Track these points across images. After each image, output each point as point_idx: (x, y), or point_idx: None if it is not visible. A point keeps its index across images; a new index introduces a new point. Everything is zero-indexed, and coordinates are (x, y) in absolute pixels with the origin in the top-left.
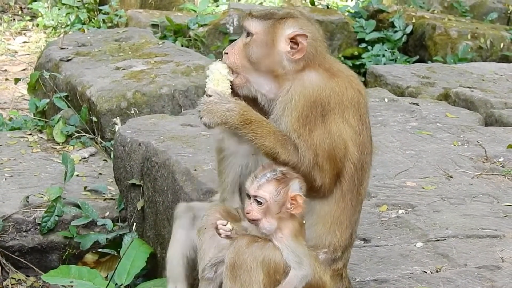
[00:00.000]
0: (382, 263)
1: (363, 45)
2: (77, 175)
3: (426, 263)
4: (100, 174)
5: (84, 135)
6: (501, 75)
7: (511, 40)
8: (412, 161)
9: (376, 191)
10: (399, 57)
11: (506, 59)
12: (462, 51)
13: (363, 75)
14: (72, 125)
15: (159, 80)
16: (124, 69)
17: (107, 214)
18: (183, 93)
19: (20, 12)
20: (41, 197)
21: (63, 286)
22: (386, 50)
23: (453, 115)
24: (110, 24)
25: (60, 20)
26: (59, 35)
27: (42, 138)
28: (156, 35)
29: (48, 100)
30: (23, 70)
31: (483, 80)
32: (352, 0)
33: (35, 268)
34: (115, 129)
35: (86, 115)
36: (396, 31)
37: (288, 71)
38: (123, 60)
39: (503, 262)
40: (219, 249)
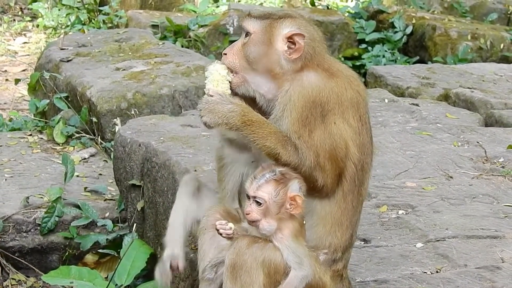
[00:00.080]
0: (382, 263)
1: (363, 45)
2: (77, 176)
3: (426, 264)
4: (100, 174)
5: (84, 136)
6: (501, 76)
7: (511, 41)
8: (412, 161)
9: (376, 191)
10: (399, 57)
11: (506, 60)
12: (462, 51)
13: (363, 75)
14: (72, 125)
15: (159, 81)
16: (124, 69)
17: (107, 214)
18: (183, 93)
19: (20, 13)
20: (41, 197)
21: (63, 286)
22: (386, 51)
23: (453, 115)
24: (110, 25)
25: (60, 20)
26: (59, 36)
27: (42, 138)
28: (156, 35)
29: (48, 100)
30: (23, 70)
31: (483, 80)
32: (352, 1)
33: (35, 269)
34: (115, 129)
35: (86, 116)
36: (396, 32)
37: (286, 71)
38: (123, 61)
39: (503, 262)
40: (219, 249)
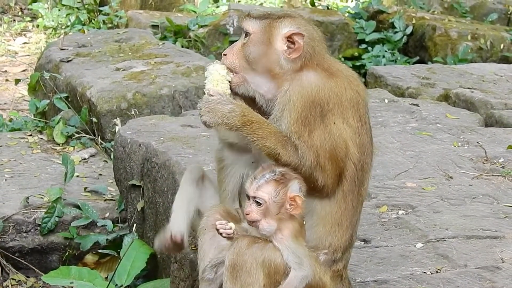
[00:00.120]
0: (382, 264)
1: (363, 46)
2: (77, 176)
3: (426, 264)
4: (100, 175)
5: (84, 136)
6: (501, 76)
7: (511, 41)
8: (412, 162)
9: (376, 191)
10: (399, 58)
11: (506, 60)
12: (462, 52)
13: (363, 76)
14: (72, 126)
15: (159, 81)
16: (124, 70)
17: (107, 215)
18: (183, 94)
19: (20, 13)
20: (41, 198)
21: (63, 287)
22: (386, 51)
23: (453, 116)
24: (110, 25)
25: (60, 21)
26: (59, 36)
27: (42, 139)
28: (156, 36)
29: (48, 101)
30: (23, 71)
31: (483, 81)
32: (352, 1)
33: (35, 269)
34: (115, 130)
35: (86, 116)
36: (396, 32)
37: (285, 71)
38: (123, 61)
39: (503, 263)
40: (220, 250)
